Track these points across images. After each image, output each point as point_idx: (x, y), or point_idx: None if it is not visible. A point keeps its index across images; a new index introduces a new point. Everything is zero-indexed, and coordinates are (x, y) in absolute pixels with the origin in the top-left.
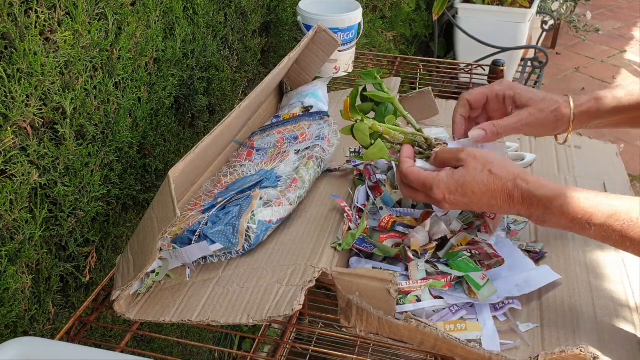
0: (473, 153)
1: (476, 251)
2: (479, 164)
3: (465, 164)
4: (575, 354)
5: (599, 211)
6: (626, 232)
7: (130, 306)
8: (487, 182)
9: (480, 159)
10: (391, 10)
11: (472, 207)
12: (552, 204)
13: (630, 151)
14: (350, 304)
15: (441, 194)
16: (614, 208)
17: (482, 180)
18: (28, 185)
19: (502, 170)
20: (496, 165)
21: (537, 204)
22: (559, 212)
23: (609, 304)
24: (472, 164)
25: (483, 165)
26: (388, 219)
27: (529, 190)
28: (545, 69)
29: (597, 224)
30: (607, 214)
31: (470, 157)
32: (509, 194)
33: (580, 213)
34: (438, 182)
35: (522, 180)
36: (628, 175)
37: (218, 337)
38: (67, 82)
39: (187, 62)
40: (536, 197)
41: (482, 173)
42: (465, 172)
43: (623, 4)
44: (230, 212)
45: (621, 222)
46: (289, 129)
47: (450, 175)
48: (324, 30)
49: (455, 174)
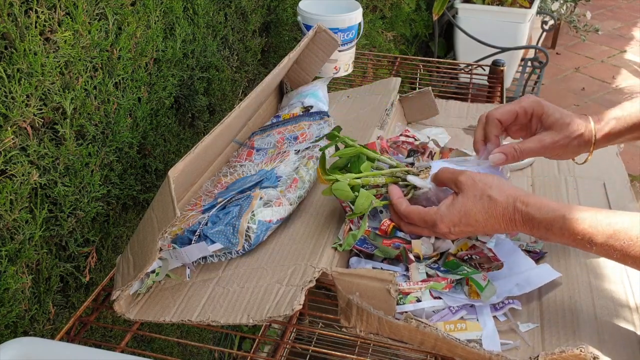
0: (472, 178)
1: (476, 255)
2: (477, 191)
3: (464, 190)
4: (575, 354)
5: (598, 232)
6: (626, 250)
7: (130, 306)
8: (488, 208)
9: (479, 184)
10: (391, 10)
11: (477, 233)
12: (552, 226)
13: (630, 151)
14: (350, 304)
15: (446, 227)
16: (613, 227)
17: (483, 207)
18: (28, 185)
19: (501, 194)
20: (495, 189)
21: (538, 226)
22: (559, 233)
23: (609, 304)
24: (472, 191)
25: (482, 192)
26: (388, 222)
27: (529, 213)
28: (545, 69)
29: (598, 244)
30: (607, 234)
31: (469, 181)
32: (510, 218)
33: (581, 234)
34: (441, 217)
35: (521, 203)
36: (628, 175)
37: (218, 337)
38: (67, 82)
39: (187, 62)
40: (536, 219)
41: (482, 200)
42: (465, 200)
43: (623, 4)
44: (230, 212)
45: (621, 241)
46: (289, 129)
47: (450, 207)
48: (324, 30)
49: (456, 205)
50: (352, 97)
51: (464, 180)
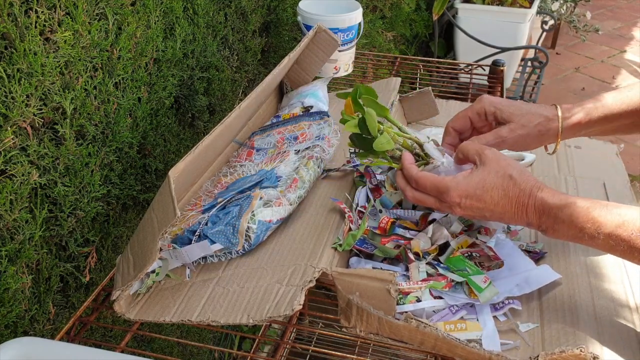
0: (497, 154)
1: (477, 253)
2: (500, 168)
3: (487, 164)
4: (575, 354)
5: (608, 220)
6: (634, 242)
7: (130, 306)
8: (507, 187)
9: (502, 161)
10: (391, 10)
11: (485, 212)
12: (562, 212)
13: (630, 151)
14: (350, 304)
15: (457, 197)
16: (622, 217)
17: (502, 184)
18: (28, 185)
19: (522, 177)
20: (516, 170)
21: (549, 212)
22: (568, 221)
23: (609, 304)
24: (494, 166)
25: (505, 169)
26: (387, 219)
27: (543, 198)
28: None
29: (606, 233)
30: (616, 223)
31: (495, 157)
32: (523, 202)
33: (590, 222)
34: (456, 184)
35: (537, 188)
36: (628, 175)
37: (218, 337)
38: (67, 82)
39: (187, 62)
40: (548, 204)
41: (503, 178)
42: (486, 174)
43: (623, 4)
44: (230, 212)
45: (629, 232)
46: (289, 129)
47: (469, 178)
48: (324, 30)
49: (474, 177)
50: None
51: (489, 154)
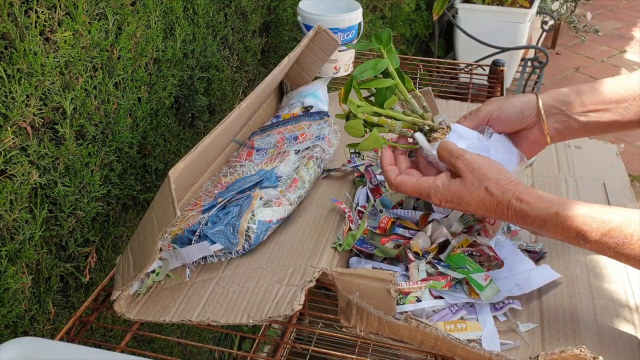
0: (471, 165)
1: (477, 252)
2: (475, 180)
3: (463, 176)
4: (575, 354)
5: (592, 229)
6: (620, 249)
7: (130, 306)
8: (483, 199)
9: (477, 173)
10: (391, 10)
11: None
12: (545, 223)
13: (630, 151)
14: (350, 304)
15: (438, 201)
16: (607, 225)
17: (478, 196)
18: (28, 185)
19: (498, 188)
20: (493, 182)
21: (531, 222)
22: (553, 230)
23: (609, 304)
24: (470, 179)
25: (480, 182)
26: (387, 219)
27: (522, 210)
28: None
29: (592, 241)
30: (601, 231)
31: (468, 169)
32: (502, 212)
33: (574, 231)
34: (435, 191)
35: (516, 199)
36: (628, 175)
37: (218, 337)
38: (67, 82)
39: (187, 62)
40: (529, 216)
41: (479, 190)
42: (462, 186)
43: (623, 4)
44: (230, 212)
45: (615, 239)
46: (289, 129)
47: (446, 187)
48: (324, 30)
49: (452, 186)
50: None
51: (462, 167)
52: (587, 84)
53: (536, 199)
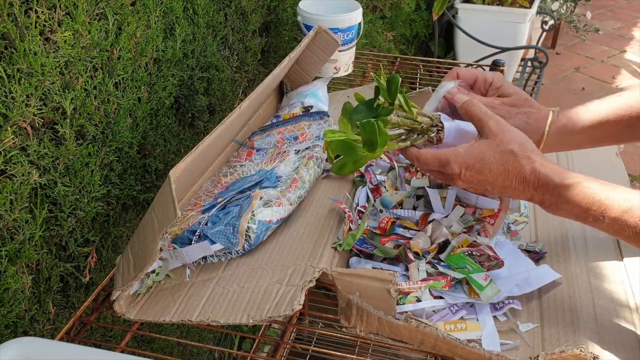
0: (502, 127)
1: (477, 252)
2: (503, 142)
3: (491, 137)
4: (575, 354)
5: (615, 204)
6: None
7: (130, 306)
8: (506, 162)
9: (506, 135)
10: (391, 10)
11: (486, 185)
12: (567, 191)
13: (630, 151)
14: (350, 304)
15: (458, 168)
16: (630, 202)
17: (502, 158)
18: (28, 185)
19: (523, 151)
20: (518, 145)
21: (553, 190)
22: (574, 201)
23: (609, 304)
24: (498, 139)
25: (507, 144)
26: (387, 219)
27: (547, 175)
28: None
29: (612, 217)
30: (623, 208)
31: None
32: (524, 177)
33: (596, 204)
34: (455, 156)
35: (540, 165)
36: (628, 175)
37: (218, 337)
38: (67, 82)
39: (187, 62)
40: (553, 182)
41: (504, 152)
42: (487, 147)
43: (623, 4)
44: (230, 212)
45: (636, 217)
46: (289, 129)
47: (469, 150)
48: (324, 31)
49: (475, 149)
50: (352, 97)
51: (492, 127)
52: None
53: (559, 168)
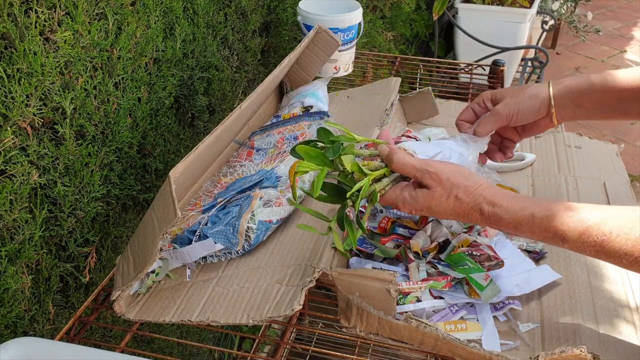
0: (439, 177)
1: (477, 252)
2: (444, 191)
3: (431, 189)
4: (576, 354)
5: (570, 229)
6: (600, 247)
7: (130, 306)
8: (453, 208)
9: (445, 183)
10: (391, 10)
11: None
12: (521, 225)
13: (630, 151)
14: (350, 304)
15: (407, 210)
16: (585, 224)
17: (449, 205)
18: (28, 185)
19: (467, 195)
20: (462, 190)
21: (507, 225)
22: (530, 231)
23: (609, 304)
24: (439, 191)
25: (449, 191)
26: (387, 219)
27: (496, 214)
28: (545, 69)
29: (571, 241)
30: (579, 230)
31: (435, 182)
32: (475, 218)
33: (552, 232)
34: (402, 202)
35: (487, 203)
36: (628, 175)
37: (218, 337)
38: (67, 82)
39: (187, 62)
40: (504, 220)
41: (449, 200)
42: (431, 198)
43: (623, 4)
44: (230, 212)
45: (594, 237)
46: (289, 128)
47: (414, 198)
48: (324, 31)
49: (419, 197)
50: (352, 97)
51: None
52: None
53: (508, 201)
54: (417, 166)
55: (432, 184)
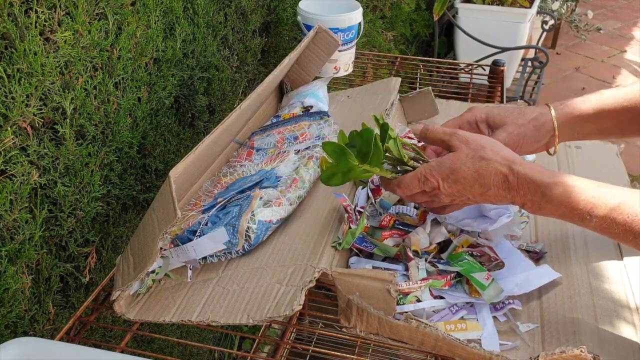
0: (465, 138)
1: (477, 253)
2: (470, 150)
3: (457, 150)
4: (576, 354)
5: (602, 202)
6: (630, 225)
7: (130, 306)
8: (478, 168)
9: (472, 144)
10: (391, 10)
11: (467, 194)
12: (551, 191)
13: (630, 151)
14: (350, 304)
15: (435, 180)
16: (617, 200)
17: (473, 165)
18: (28, 185)
19: (494, 154)
20: (488, 150)
21: (535, 190)
22: (557, 201)
23: (609, 304)
24: (464, 150)
25: (475, 151)
26: (389, 218)
27: (526, 175)
28: (545, 69)
29: (599, 216)
30: (610, 205)
31: (462, 143)
32: (503, 178)
33: (582, 203)
34: (429, 170)
35: (518, 164)
36: (628, 175)
37: (218, 337)
38: (67, 82)
39: (187, 62)
40: (534, 182)
41: (473, 159)
42: (455, 158)
43: (623, 4)
44: (230, 212)
45: (625, 215)
46: (289, 128)
47: (440, 162)
48: (325, 31)
49: (445, 160)
50: (352, 97)
51: (456, 143)
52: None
53: (540, 167)
54: (446, 130)
55: (459, 145)
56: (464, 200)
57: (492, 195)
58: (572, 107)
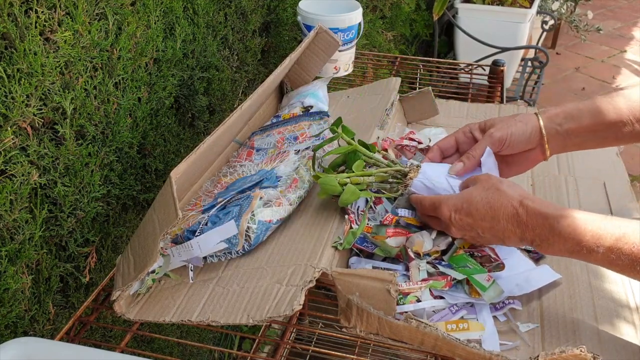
0: (490, 175)
1: (478, 253)
2: (488, 183)
3: (479, 182)
4: (576, 354)
5: (607, 233)
6: (636, 255)
7: (130, 306)
8: (491, 200)
9: (493, 178)
10: (391, 10)
11: (477, 229)
12: (558, 222)
13: (630, 151)
14: (350, 304)
15: (447, 211)
16: (622, 230)
17: (487, 197)
18: (28, 185)
19: (509, 189)
20: (505, 184)
21: (543, 223)
22: (565, 233)
23: (609, 304)
24: (484, 183)
25: (492, 184)
26: (391, 217)
27: (535, 208)
28: (545, 69)
29: (606, 247)
30: (616, 235)
31: (486, 176)
32: (514, 212)
33: (589, 234)
34: (447, 199)
35: (529, 200)
36: (628, 175)
37: (218, 337)
38: (67, 82)
39: (187, 62)
40: (542, 214)
41: (489, 190)
42: (473, 189)
43: (623, 4)
44: (230, 212)
45: (630, 244)
46: (289, 129)
47: (460, 195)
48: (325, 31)
49: (465, 193)
50: (352, 97)
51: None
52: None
53: (549, 202)
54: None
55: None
56: (473, 236)
57: (501, 229)
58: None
